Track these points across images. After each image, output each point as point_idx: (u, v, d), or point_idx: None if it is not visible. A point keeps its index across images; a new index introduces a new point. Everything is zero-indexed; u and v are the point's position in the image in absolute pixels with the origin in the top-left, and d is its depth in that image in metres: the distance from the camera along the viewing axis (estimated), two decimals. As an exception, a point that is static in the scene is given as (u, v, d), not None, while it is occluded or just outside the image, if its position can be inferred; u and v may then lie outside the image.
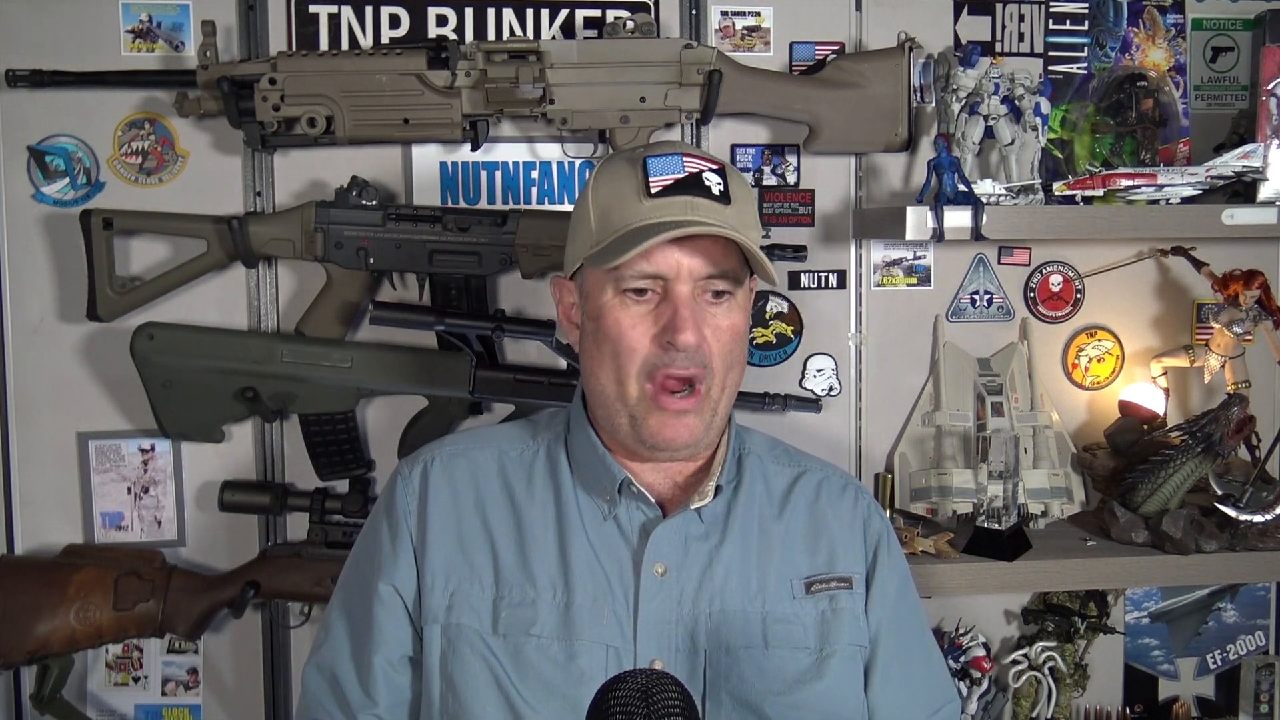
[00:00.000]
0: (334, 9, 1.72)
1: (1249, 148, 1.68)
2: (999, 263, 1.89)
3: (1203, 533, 1.71)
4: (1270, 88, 1.75)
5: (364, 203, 1.64)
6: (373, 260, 1.65)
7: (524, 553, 1.22)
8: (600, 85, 1.67)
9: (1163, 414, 1.87)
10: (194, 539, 1.76)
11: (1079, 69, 1.87)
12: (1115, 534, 1.75)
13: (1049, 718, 1.87)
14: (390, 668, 1.21)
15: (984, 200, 1.62)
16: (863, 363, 1.87)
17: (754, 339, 1.82)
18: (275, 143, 1.67)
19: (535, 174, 1.78)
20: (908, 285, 1.87)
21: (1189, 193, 1.67)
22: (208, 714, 1.78)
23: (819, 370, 1.86)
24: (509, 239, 1.66)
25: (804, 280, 1.84)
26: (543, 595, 1.20)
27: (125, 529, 1.74)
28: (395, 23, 1.73)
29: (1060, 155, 1.84)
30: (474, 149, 1.72)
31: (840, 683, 1.23)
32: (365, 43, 1.72)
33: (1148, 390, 1.88)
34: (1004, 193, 1.66)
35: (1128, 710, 1.99)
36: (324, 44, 1.71)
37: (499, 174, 1.77)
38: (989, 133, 1.74)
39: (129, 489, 1.74)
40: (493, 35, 1.74)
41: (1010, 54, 1.85)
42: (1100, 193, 1.66)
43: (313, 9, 1.71)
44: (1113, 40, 1.86)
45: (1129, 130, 1.83)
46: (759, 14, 1.80)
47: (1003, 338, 1.91)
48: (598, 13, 1.75)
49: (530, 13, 1.74)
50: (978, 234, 1.60)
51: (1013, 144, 1.73)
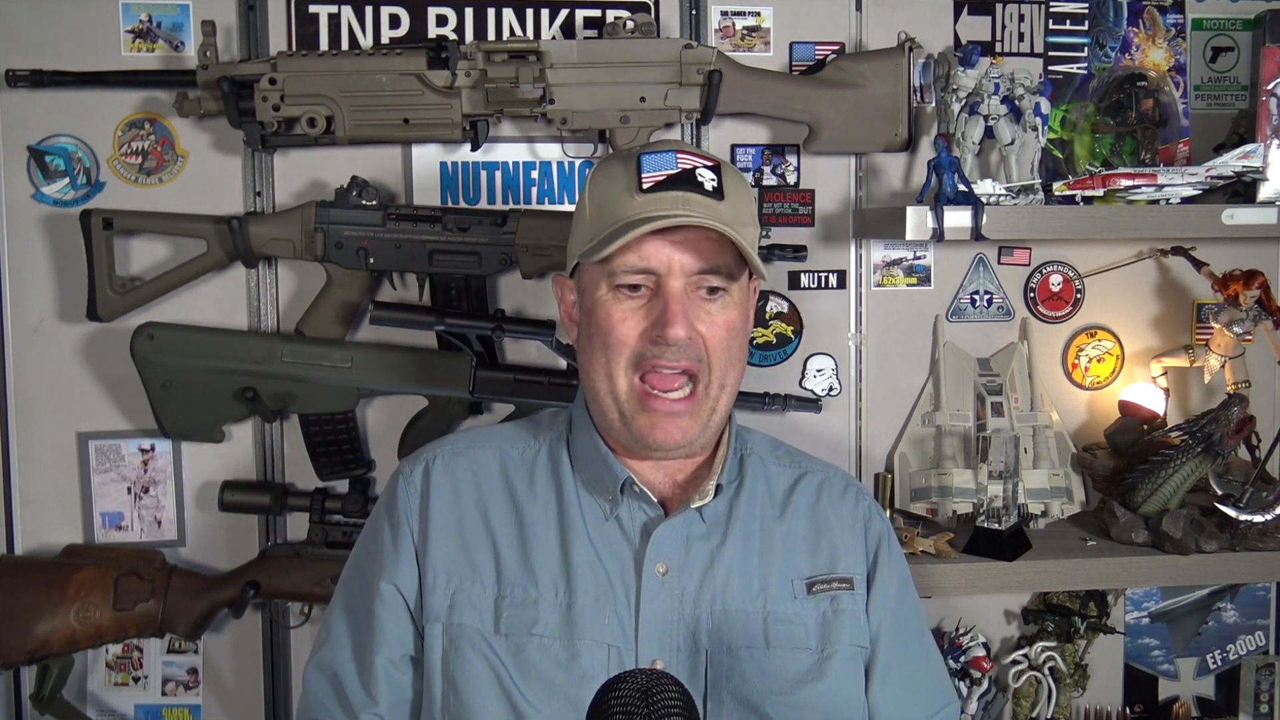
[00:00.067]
0: (334, 9, 1.72)
1: (1249, 148, 1.68)
2: (999, 263, 1.89)
3: (1203, 533, 1.71)
4: (1270, 88, 1.75)
5: (364, 203, 1.64)
6: (373, 260, 1.65)
7: (526, 552, 1.22)
8: (600, 85, 1.67)
9: (1163, 414, 1.87)
10: (194, 539, 1.76)
11: (1079, 69, 1.87)
12: (1115, 534, 1.75)
13: (1049, 718, 1.87)
14: (392, 667, 1.21)
15: (984, 200, 1.62)
16: (863, 363, 1.87)
17: (754, 339, 1.82)
18: (275, 143, 1.67)
19: (535, 174, 1.78)
20: (908, 285, 1.87)
21: (1189, 193, 1.67)
22: (208, 714, 1.78)
23: (819, 370, 1.86)
24: (509, 239, 1.66)
25: (804, 280, 1.84)
26: (544, 595, 1.20)
27: (125, 529, 1.74)
28: (395, 23, 1.73)
29: (1060, 155, 1.84)
30: (474, 149, 1.72)
31: (841, 683, 1.23)
32: (365, 43, 1.72)
33: (1148, 390, 1.88)
34: (1004, 193, 1.66)
35: (1128, 710, 1.98)
36: (324, 44, 1.71)
37: (499, 174, 1.77)
38: (989, 133, 1.74)
39: (129, 489, 1.74)
40: (493, 35, 1.74)
41: (1010, 54, 1.85)
42: (1100, 193, 1.66)
43: (313, 9, 1.71)
44: (1113, 40, 1.86)
45: (1129, 130, 1.83)
46: (759, 14, 1.80)
47: (1003, 338, 1.91)
48: (598, 13, 1.75)
49: (530, 13, 1.74)
50: (978, 234, 1.60)
51: (1013, 144, 1.73)
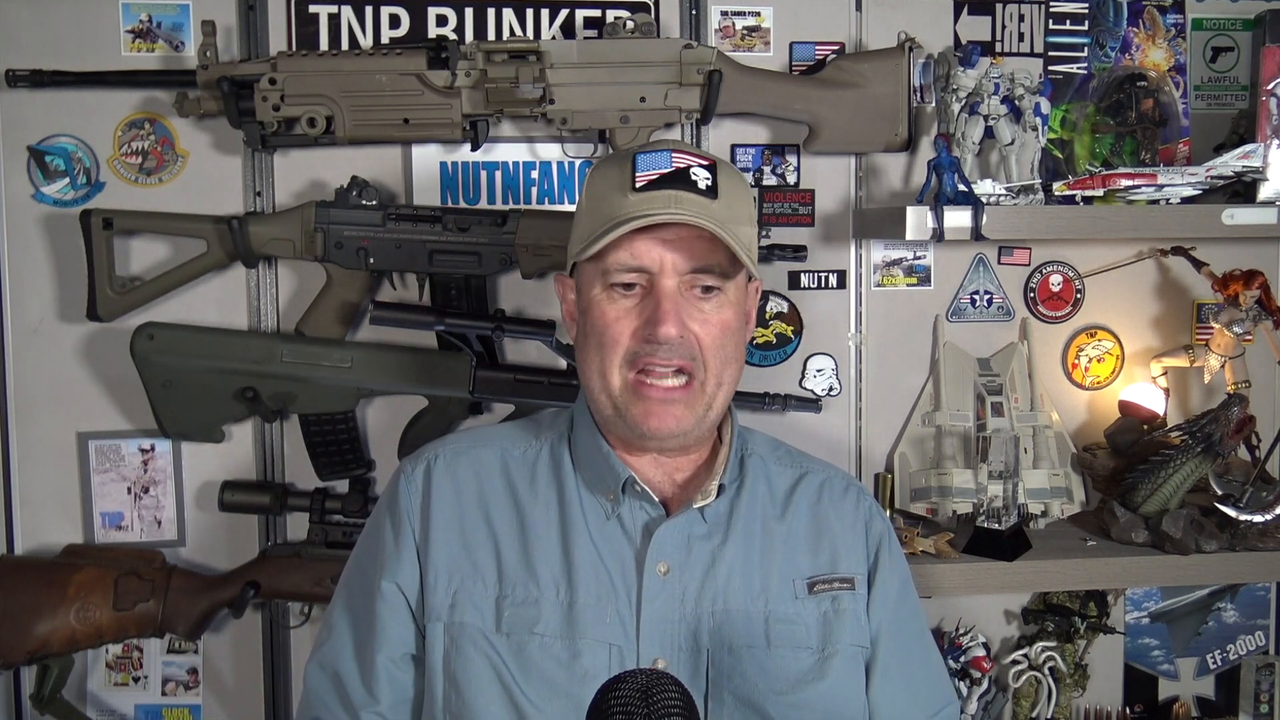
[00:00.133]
0: (334, 9, 1.72)
1: (1249, 148, 1.68)
2: (999, 263, 1.89)
3: (1203, 533, 1.71)
4: (1270, 88, 1.75)
5: (364, 203, 1.64)
6: (373, 260, 1.65)
7: (527, 551, 1.22)
8: (600, 85, 1.67)
9: (1163, 414, 1.87)
10: (194, 539, 1.76)
11: (1079, 69, 1.87)
12: (1115, 534, 1.75)
13: (1049, 718, 1.87)
14: (393, 665, 1.21)
15: (984, 200, 1.62)
16: (863, 363, 1.87)
17: (754, 339, 1.82)
18: (275, 143, 1.67)
19: (535, 174, 1.78)
20: (908, 285, 1.87)
21: (1189, 193, 1.67)
22: (208, 714, 1.78)
23: (819, 370, 1.86)
24: (509, 239, 1.66)
25: (804, 280, 1.84)
26: (546, 594, 1.20)
27: (125, 529, 1.74)
28: (395, 23, 1.73)
29: (1060, 155, 1.84)
30: (474, 149, 1.72)
31: (842, 683, 1.23)
32: (365, 43, 1.72)
33: (1148, 390, 1.88)
34: (1004, 193, 1.66)
35: (1128, 710, 1.98)
36: (324, 44, 1.71)
37: (499, 174, 1.77)
38: (989, 133, 1.74)
39: (129, 489, 1.74)
40: (493, 35, 1.74)
41: (1010, 54, 1.85)
42: (1100, 193, 1.66)
43: (313, 9, 1.71)
44: (1113, 40, 1.86)
45: (1129, 130, 1.83)
46: (759, 14, 1.80)
47: (1003, 338, 1.91)
48: (598, 13, 1.75)
49: (530, 13, 1.74)
50: (978, 234, 1.60)
51: (1013, 144, 1.73)
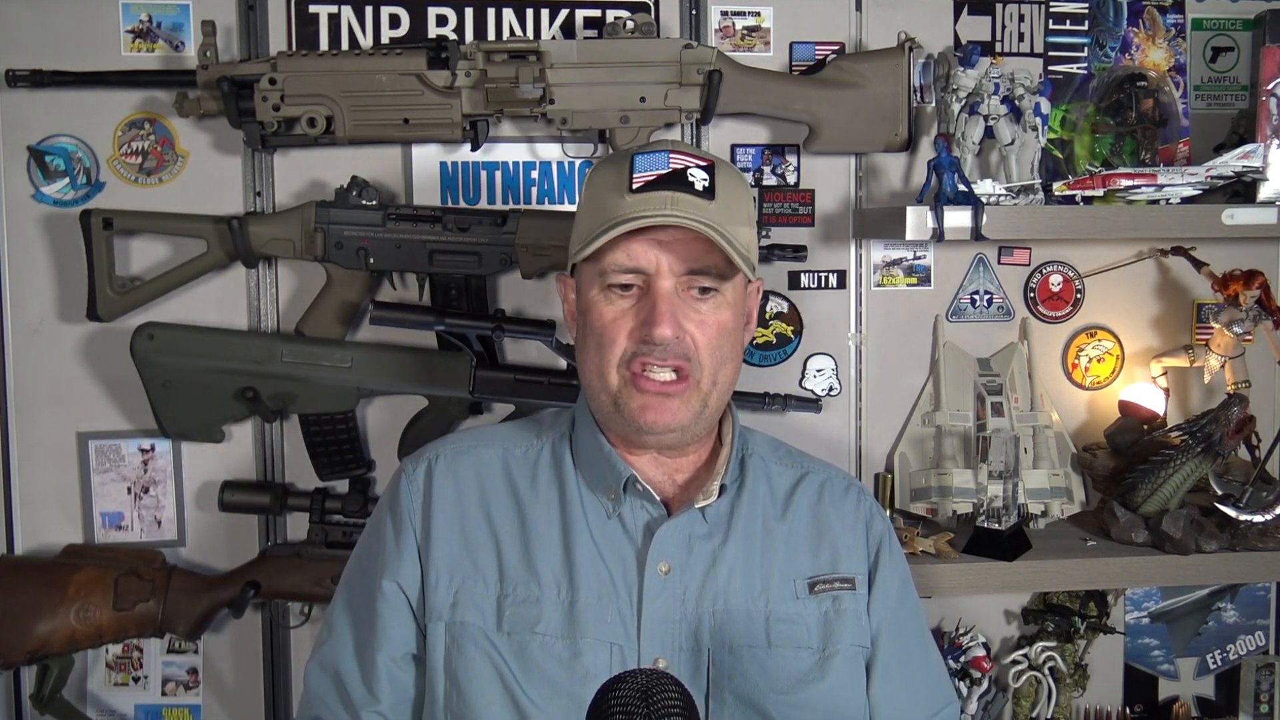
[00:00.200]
0: (334, 9, 1.72)
1: (1249, 148, 1.68)
2: (999, 263, 1.89)
3: (1203, 533, 1.71)
4: (1270, 88, 1.75)
5: (364, 203, 1.64)
6: (373, 260, 1.65)
7: (528, 550, 1.22)
8: (600, 85, 1.67)
9: (1163, 414, 1.87)
10: (194, 539, 1.76)
11: (1079, 69, 1.87)
12: (1115, 534, 1.75)
13: (1049, 718, 1.87)
14: (394, 665, 1.21)
15: (984, 200, 1.62)
16: (863, 363, 1.87)
17: (754, 339, 1.82)
18: (275, 143, 1.67)
19: (535, 174, 1.78)
20: (908, 285, 1.87)
21: (1189, 193, 1.67)
22: (208, 714, 1.78)
23: (819, 370, 1.86)
24: (509, 239, 1.66)
25: (804, 280, 1.84)
26: (547, 593, 1.20)
27: (125, 529, 1.74)
28: (395, 23, 1.73)
29: (1060, 155, 1.84)
30: (474, 149, 1.72)
31: (843, 683, 1.23)
32: (365, 43, 1.72)
33: (1148, 390, 1.88)
34: (1004, 193, 1.66)
35: (1128, 710, 1.98)
36: (324, 44, 1.71)
37: (499, 174, 1.77)
38: (989, 133, 1.74)
39: (129, 489, 1.74)
40: (493, 35, 1.74)
41: (1010, 54, 1.85)
42: (1100, 193, 1.66)
43: (313, 9, 1.71)
44: (1113, 40, 1.86)
45: (1129, 130, 1.83)
46: (759, 14, 1.80)
47: (1003, 338, 1.91)
48: (598, 13, 1.75)
49: (530, 13, 1.74)
50: (978, 234, 1.60)
51: (1013, 144, 1.73)
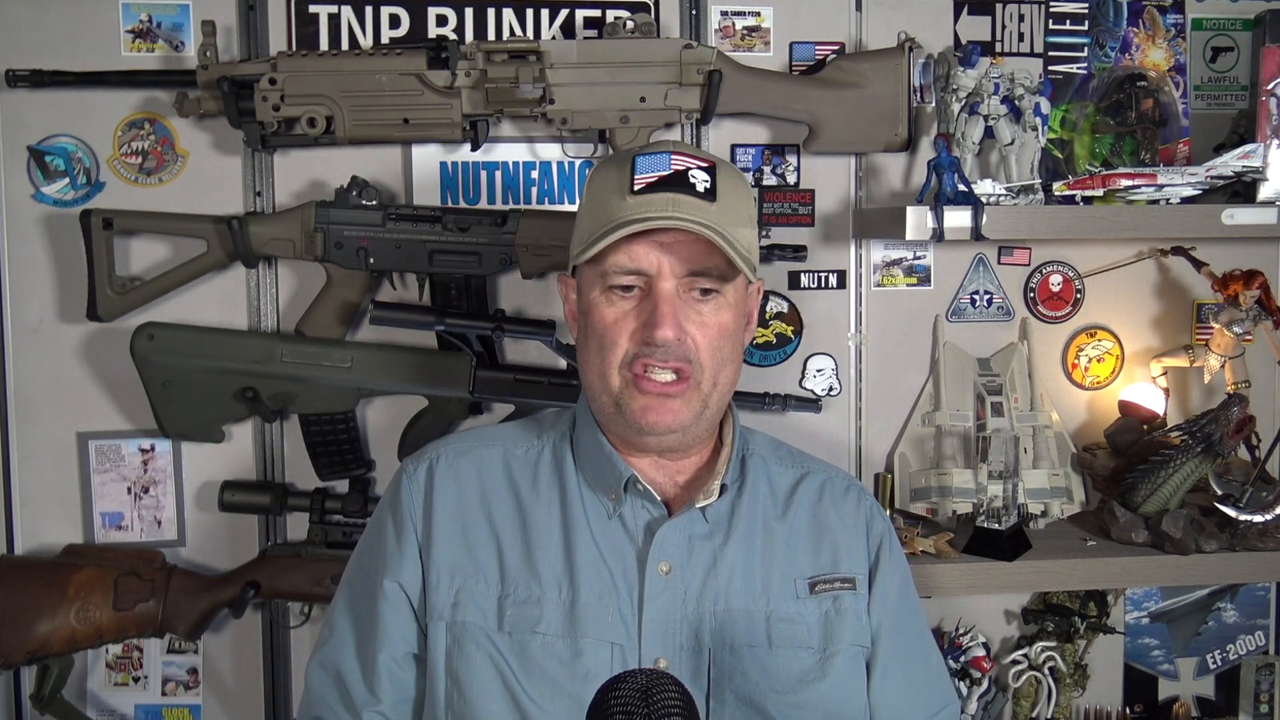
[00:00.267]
0: (334, 9, 1.72)
1: (1249, 148, 1.68)
2: (999, 263, 1.89)
3: (1203, 533, 1.71)
4: (1270, 88, 1.75)
5: (364, 203, 1.64)
6: (373, 260, 1.65)
7: (529, 550, 1.22)
8: (600, 85, 1.67)
9: (1163, 414, 1.87)
10: (194, 539, 1.76)
11: (1079, 69, 1.87)
12: (1115, 534, 1.75)
13: (1049, 718, 1.87)
14: (395, 665, 1.21)
15: (984, 200, 1.62)
16: (863, 363, 1.87)
17: (754, 339, 1.82)
18: (275, 143, 1.67)
19: (535, 174, 1.78)
20: (908, 285, 1.87)
21: (1189, 193, 1.67)
22: (208, 714, 1.78)
23: (819, 370, 1.86)
24: (509, 239, 1.66)
25: (804, 280, 1.84)
26: (548, 593, 1.20)
27: (125, 529, 1.74)
28: (395, 23, 1.73)
29: (1060, 155, 1.84)
30: (474, 149, 1.72)
31: (843, 683, 1.23)
32: (365, 43, 1.72)
33: (1148, 390, 1.88)
34: (1004, 193, 1.66)
35: (1128, 710, 1.98)
36: (324, 44, 1.71)
37: (499, 174, 1.77)
38: (989, 133, 1.74)
39: (129, 489, 1.74)
40: (493, 35, 1.74)
41: (1010, 54, 1.85)
42: (1100, 193, 1.66)
43: (313, 9, 1.71)
44: (1113, 40, 1.86)
45: (1129, 130, 1.83)
46: (759, 14, 1.80)
47: (1003, 338, 1.91)
48: (598, 13, 1.75)
49: (530, 13, 1.74)
50: (978, 234, 1.60)
51: (1013, 144, 1.73)
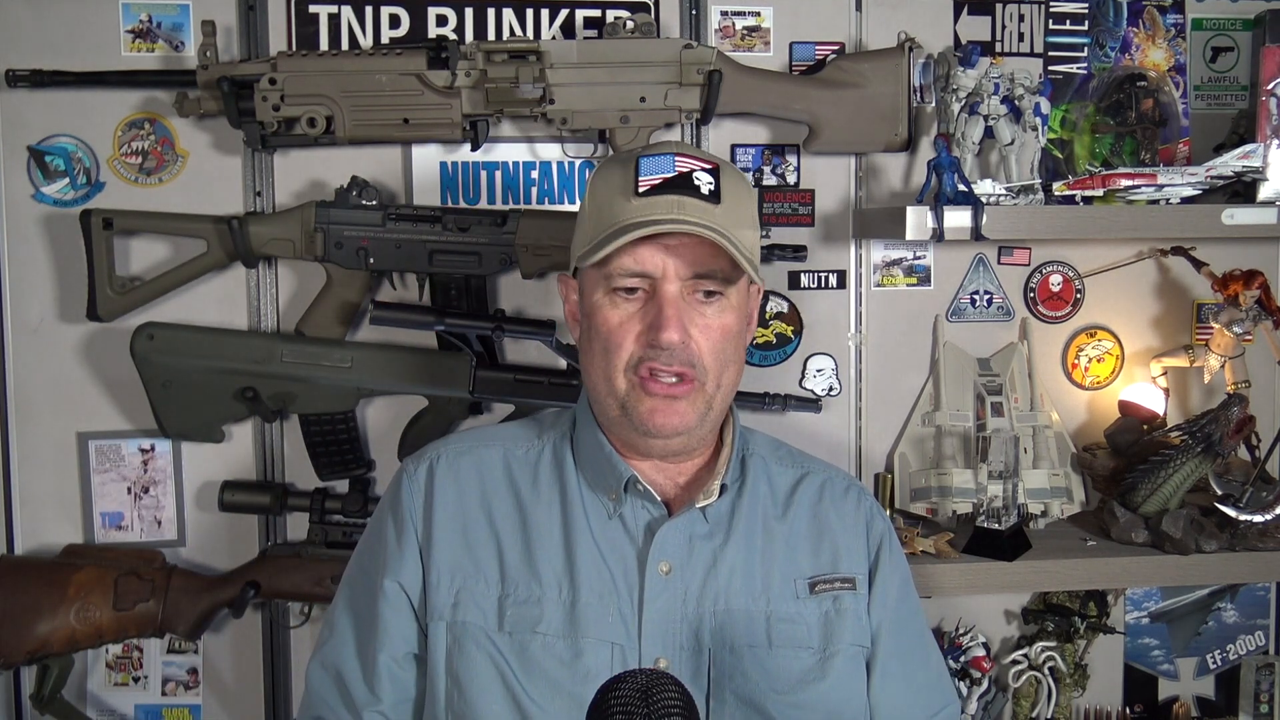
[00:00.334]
0: (334, 9, 1.72)
1: (1249, 148, 1.68)
2: (999, 263, 1.89)
3: (1203, 533, 1.71)
4: (1270, 88, 1.75)
5: (364, 203, 1.64)
6: (373, 260, 1.65)
7: (529, 550, 1.22)
8: (600, 85, 1.67)
9: (1163, 414, 1.87)
10: (194, 539, 1.76)
11: (1079, 69, 1.87)
12: (1115, 534, 1.75)
13: (1049, 718, 1.87)
14: (395, 664, 1.21)
15: (984, 200, 1.62)
16: (863, 363, 1.87)
17: (754, 339, 1.81)
18: (275, 143, 1.67)
19: (535, 174, 1.78)
20: (908, 285, 1.87)
21: (1189, 193, 1.67)
22: (208, 714, 1.78)
23: (819, 370, 1.86)
24: (509, 239, 1.66)
25: (804, 280, 1.84)
26: (548, 593, 1.20)
27: (125, 529, 1.74)
28: (395, 23, 1.73)
29: (1060, 155, 1.84)
30: (474, 149, 1.72)
31: (844, 683, 1.23)
32: (365, 43, 1.72)
33: (1148, 390, 1.88)
34: (1004, 193, 1.66)
35: (1128, 710, 1.99)
36: (324, 44, 1.71)
37: (499, 174, 1.77)
38: (989, 133, 1.74)
39: (129, 489, 1.74)
40: (493, 35, 1.74)
41: (1010, 54, 1.85)
42: (1100, 193, 1.66)
43: (313, 9, 1.71)
44: (1113, 40, 1.86)
45: (1129, 130, 1.83)
46: (759, 14, 1.80)
47: (1003, 338, 1.91)
48: (598, 13, 1.75)
49: (530, 13, 1.74)
50: (978, 234, 1.60)
51: (1013, 144, 1.73)
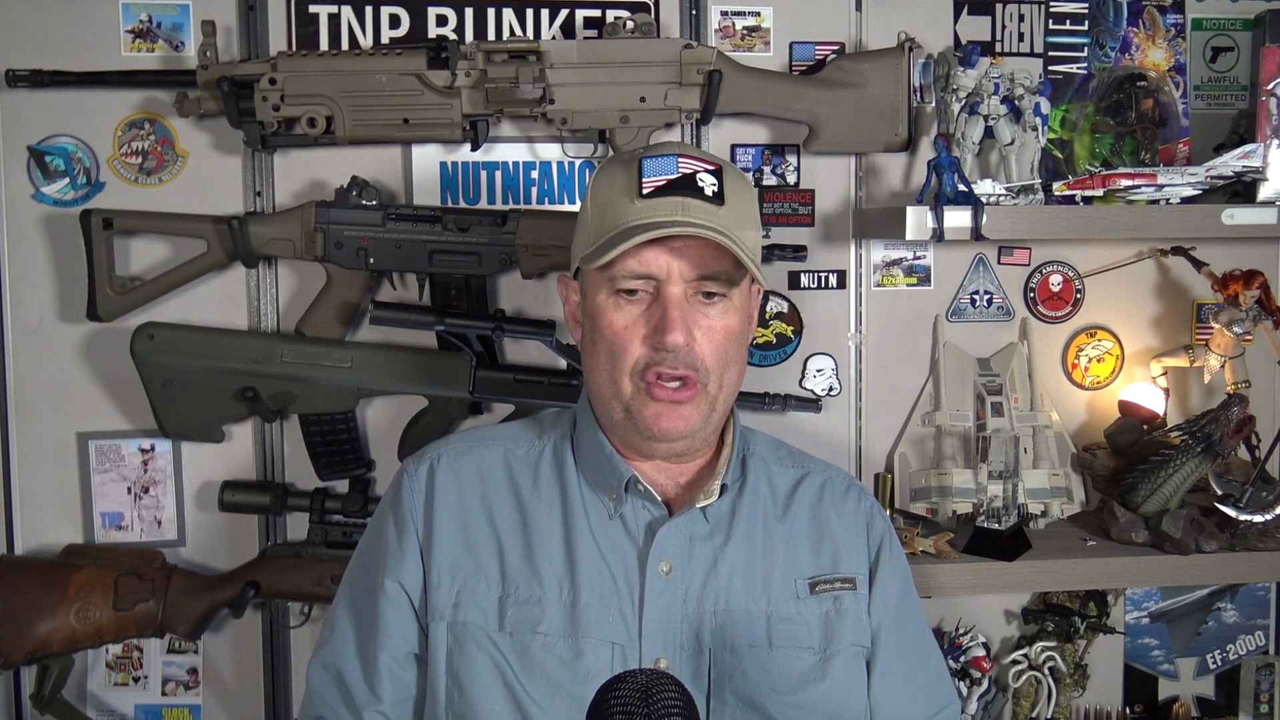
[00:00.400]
0: (334, 9, 1.72)
1: (1249, 148, 1.68)
2: (999, 263, 1.89)
3: (1203, 533, 1.71)
4: (1270, 88, 1.75)
5: (364, 203, 1.64)
6: (373, 260, 1.65)
7: (530, 550, 1.22)
8: (600, 85, 1.67)
9: (1163, 414, 1.87)
10: (194, 539, 1.76)
11: (1079, 69, 1.87)
12: (1115, 534, 1.75)
13: (1049, 718, 1.87)
14: (396, 664, 1.21)
15: (984, 200, 1.62)
16: (863, 363, 1.87)
17: (754, 339, 1.81)
18: (275, 143, 1.67)
19: (535, 174, 1.78)
20: (908, 285, 1.87)
21: (1189, 193, 1.67)
22: (208, 714, 1.78)
23: (819, 370, 1.86)
24: (509, 239, 1.66)
25: (804, 280, 1.84)
26: (549, 593, 1.20)
27: (125, 529, 1.74)
28: (395, 23, 1.73)
29: (1060, 155, 1.84)
30: (474, 149, 1.72)
31: (844, 683, 1.23)
32: (365, 43, 1.72)
33: (1148, 390, 1.89)
34: (1004, 193, 1.66)
35: (1128, 710, 1.99)
36: (324, 44, 1.71)
37: (499, 174, 1.77)
38: (989, 133, 1.74)
39: (129, 489, 1.74)
40: (493, 35, 1.74)
41: (1010, 54, 1.85)
42: (1100, 193, 1.66)
43: (313, 9, 1.71)
44: (1113, 40, 1.87)
45: (1129, 130, 1.83)
46: (759, 14, 1.80)
47: (1003, 338, 1.91)
48: (598, 13, 1.75)
49: (530, 13, 1.74)
50: (978, 234, 1.60)
51: (1013, 144, 1.73)
